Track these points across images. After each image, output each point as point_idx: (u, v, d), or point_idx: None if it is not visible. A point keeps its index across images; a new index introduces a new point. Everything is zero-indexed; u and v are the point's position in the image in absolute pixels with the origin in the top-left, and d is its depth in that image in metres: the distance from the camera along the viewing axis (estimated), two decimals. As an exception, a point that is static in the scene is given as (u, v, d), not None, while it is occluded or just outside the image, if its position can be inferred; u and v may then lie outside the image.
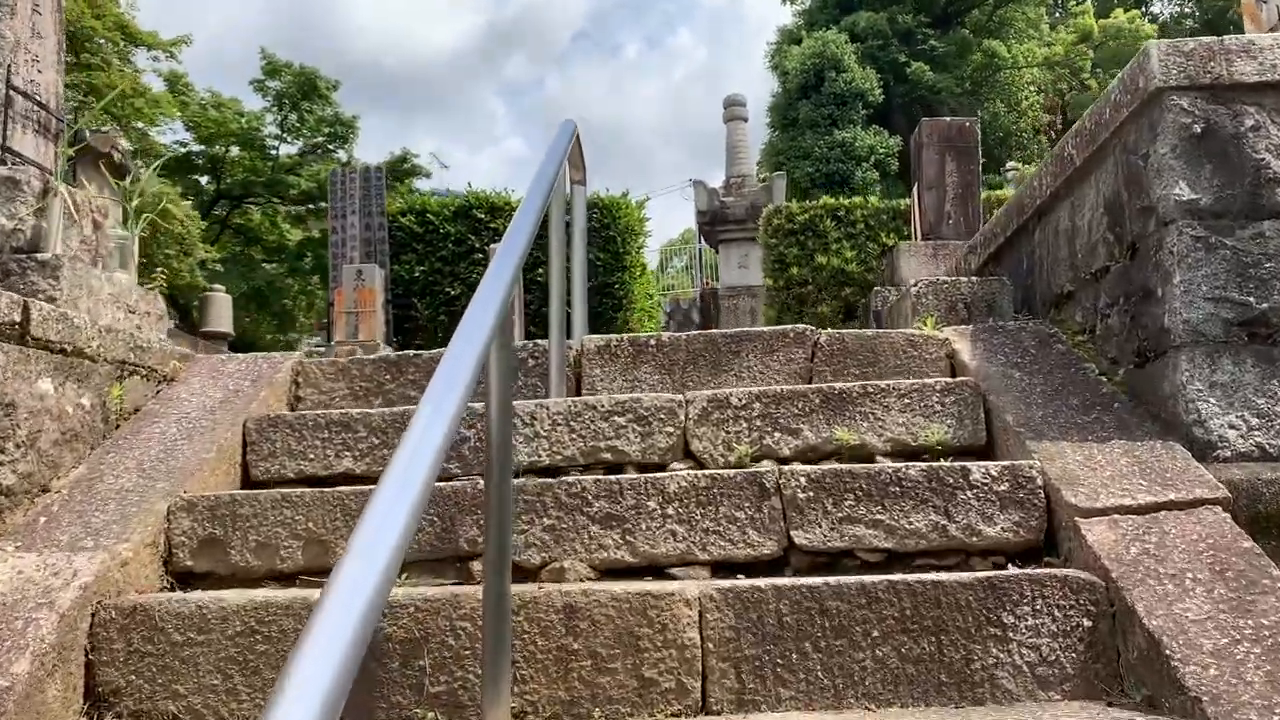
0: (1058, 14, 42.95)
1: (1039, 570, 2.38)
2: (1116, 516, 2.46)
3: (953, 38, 39.97)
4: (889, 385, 3.30)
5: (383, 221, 10.48)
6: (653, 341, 4.07)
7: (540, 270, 8.12)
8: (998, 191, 9.46)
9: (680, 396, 3.35)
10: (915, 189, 7.96)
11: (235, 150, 16.09)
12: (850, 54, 37.21)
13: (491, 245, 10.27)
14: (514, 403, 2.65)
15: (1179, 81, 2.88)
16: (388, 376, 4.01)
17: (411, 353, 4.07)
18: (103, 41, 12.84)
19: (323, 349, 10.16)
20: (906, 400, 3.33)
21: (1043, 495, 2.61)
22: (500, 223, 10.32)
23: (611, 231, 10.16)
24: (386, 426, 3.33)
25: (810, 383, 3.91)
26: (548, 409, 3.37)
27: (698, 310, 27.99)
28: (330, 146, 16.63)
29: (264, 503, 2.81)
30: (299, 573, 2.74)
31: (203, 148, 16.05)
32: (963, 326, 4.36)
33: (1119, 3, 40.93)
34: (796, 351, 4.03)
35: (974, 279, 4.64)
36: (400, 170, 17.35)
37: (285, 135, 16.19)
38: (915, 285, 4.64)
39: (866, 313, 7.78)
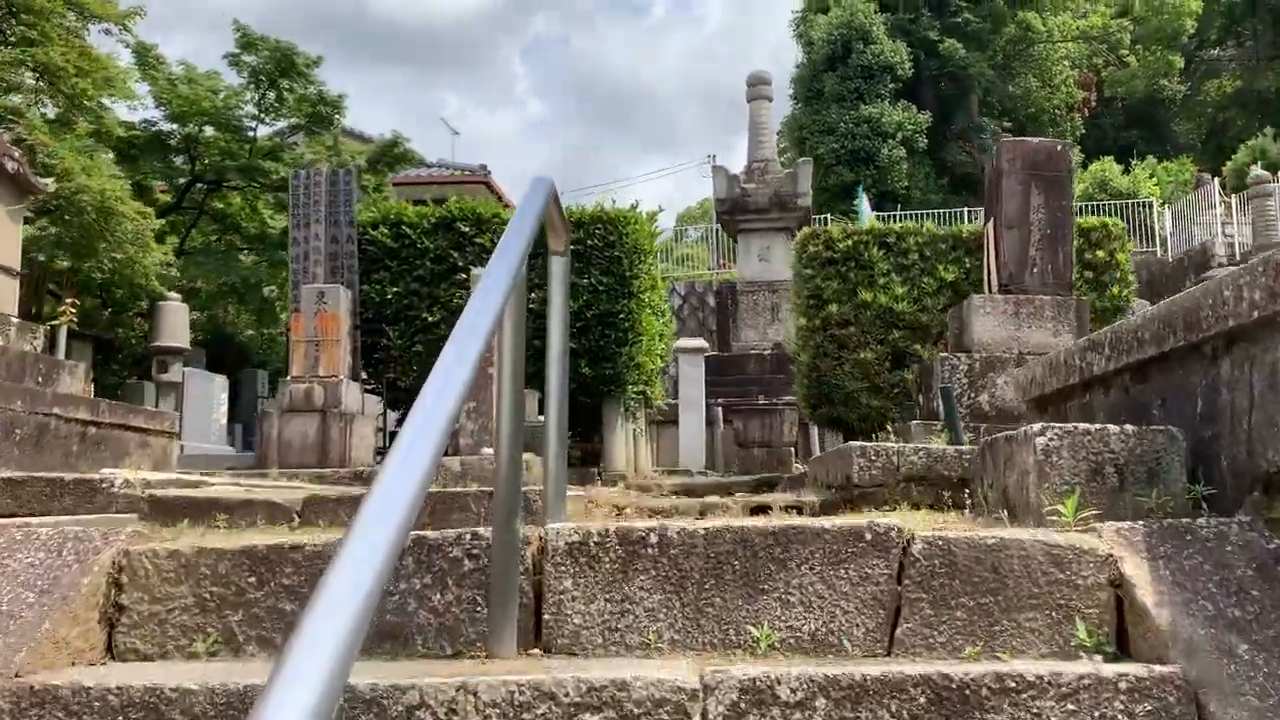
0: (1098, -15, 40.90)
1: None
2: None
3: (986, 8, 37.98)
4: (1040, 675, 1.93)
5: (351, 233, 9.00)
6: (654, 539, 2.67)
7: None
8: (1090, 219, 7.88)
9: (695, 678, 1.96)
10: (990, 226, 6.42)
11: (210, 130, 14.60)
12: (879, 25, 35.40)
13: (476, 267, 8.78)
14: (420, 679, 1.95)
15: None
16: (252, 580, 2.66)
17: (291, 541, 2.72)
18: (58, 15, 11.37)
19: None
20: (1070, 708, 1.95)
21: None
22: (487, 238, 8.83)
23: (617, 251, 8.66)
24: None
25: (898, 619, 2.53)
26: (475, 696, 1.99)
27: (713, 305, 26.53)
28: (315, 129, 15.09)
29: None
30: None
31: (174, 126, 14.58)
32: (1127, 527, 2.89)
33: (1166, -26, 38.90)
34: (876, 565, 2.65)
35: (1128, 431, 3.16)
36: (390, 156, 15.80)
37: (264, 115, 14.68)
38: (1044, 435, 3.18)
39: (926, 382, 6.28)
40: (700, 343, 17.37)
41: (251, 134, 14.86)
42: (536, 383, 5.99)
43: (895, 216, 31.21)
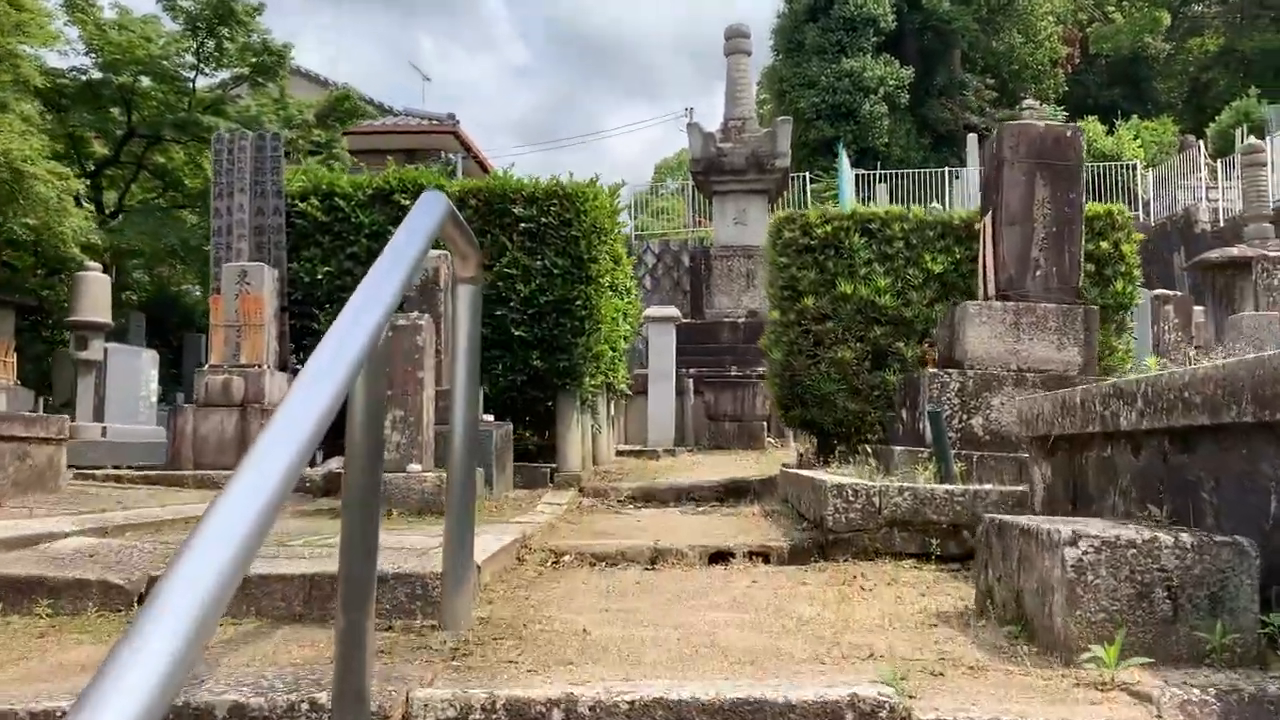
0: (1089, -62, 39.93)
1: None
2: None
3: (973, -40, 36.99)
4: None
5: (279, 205, 8.11)
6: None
7: None
8: (1095, 206, 7.08)
9: None
10: (988, 220, 5.65)
11: (147, 81, 13.52)
12: (863, -25, 34.33)
13: (416, 245, 7.96)
14: None
15: None
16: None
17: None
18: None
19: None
20: None
21: None
22: (430, 213, 7.98)
23: (574, 230, 7.82)
24: None
25: None
26: None
27: (688, 265, 25.62)
28: (260, 80, 14.01)
29: None
30: None
31: (108, 76, 13.47)
32: (1197, 700, 2.17)
33: (1158, -72, 37.97)
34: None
35: (1184, 545, 2.42)
36: (341, 111, 14.78)
37: (203, 65, 13.58)
38: (1076, 546, 2.45)
39: (911, 398, 5.53)
40: (671, 311, 16.60)
41: (190, 85, 13.80)
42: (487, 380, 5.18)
43: (876, 176, 30.45)
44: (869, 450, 5.74)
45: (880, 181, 30.70)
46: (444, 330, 7.06)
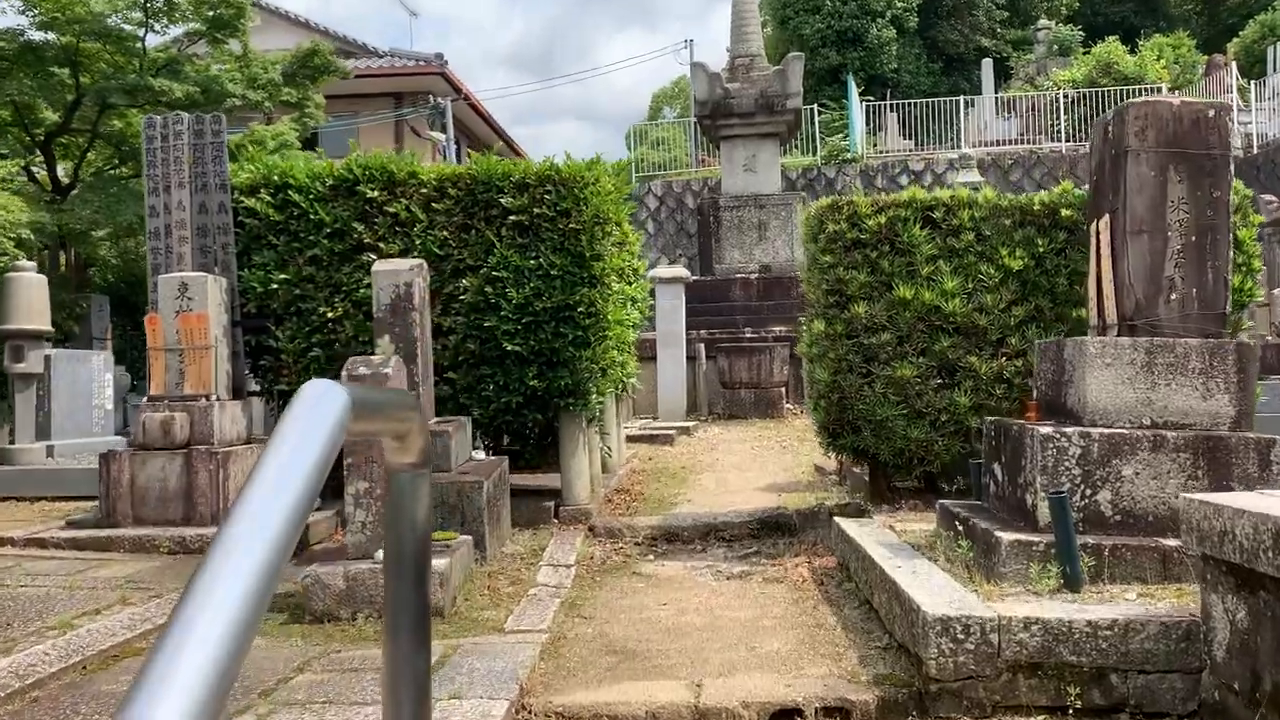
0: None
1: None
2: None
3: None
4: None
5: (225, 200, 6.85)
6: None
7: None
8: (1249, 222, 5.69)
9: None
10: (1103, 226, 4.40)
11: (91, 41, 12.11)
12: (871, -108, 32.55)
13: (387, 245, 6.69)
14: None
15: None
16: None
17: None
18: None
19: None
20: None
21: None
22: (401, 207, 6.70)
23: (574, 221, 6.56)
24: None
25: None
26: None
27: (693, 206, 24.18)
28: (220, 35, 12.56)
29: None
30: None
31: (48, 36, 12.06)
32: None
33: None
34: None
35: None
36: (310, 68, 13.31)
37: (152, 21, 12.11)
38: None
39: (1013, 461, 4.33)
40: (680, 271, 15.35)
41: (140, 45, 12.35)
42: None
43: (886, 107, 28.86)
44: (955, 518, 4.57)
45: (891, 111, 29.18)
46: (420, 360, 5.85)
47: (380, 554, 4.71)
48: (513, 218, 6.63)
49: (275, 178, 6.83)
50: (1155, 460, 3.98)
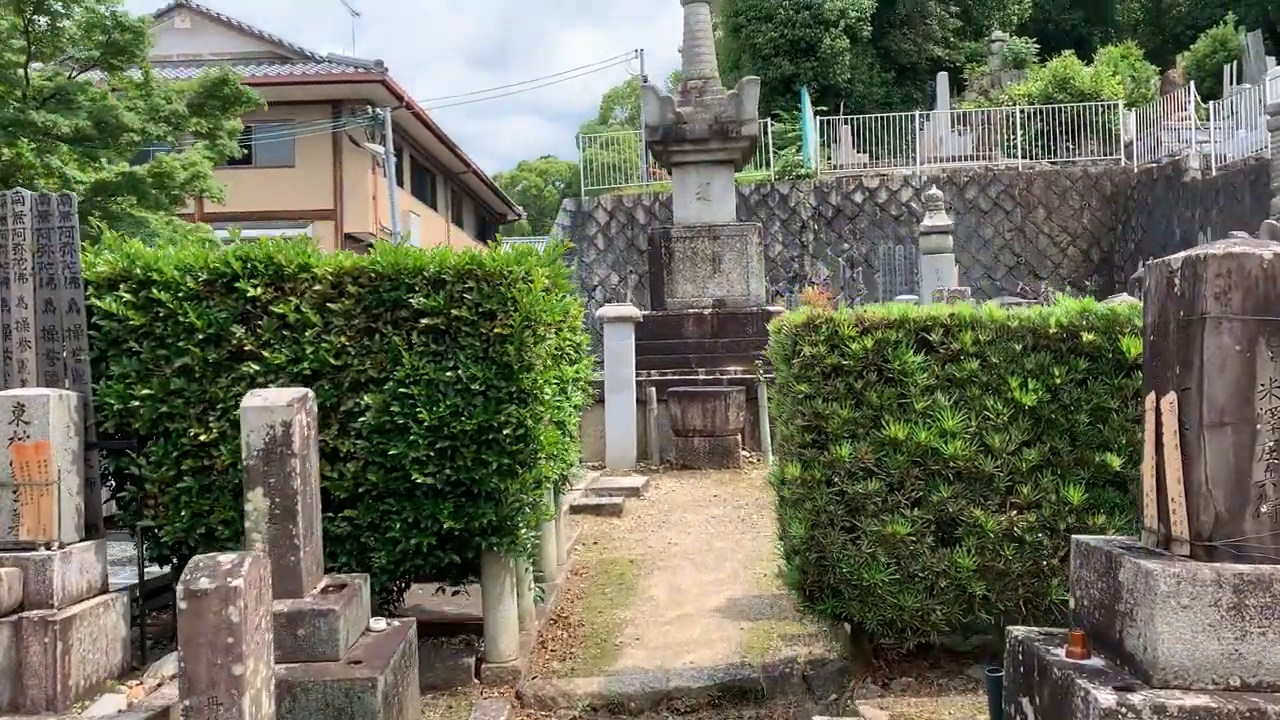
0: None
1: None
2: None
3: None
4: None
5: (76, 297, 5.66)
6: None
7: None
8: None
9: None
10: (1165, 408, 3.40)
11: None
12: (825, -99, 31.85)
13: (271, 353, 5.53)
14: None
15: None
16: None
17: None
18: None
19: None
20: None
21: None
22: (290, 306, 5.55)
23: (499, 325, 5.45)
24: None
25: None
26: None
27: (643, 221, 23.05)
28: (116, 62, 11.16)
29: None
30: None
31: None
32: None
33: None
34: None
35: None
36: (219, 97, 11.95)
37: (35, 47, 10.71)
38: None
39: (1043, 703, 3.32)
40: (629, 310, 14.30)
41: (22, 75, 10.95)
42: None
43: (839, 120, 28.03)
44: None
45: (844, 124, 28.38)
46: (302, 517, 4.71)
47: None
48: (426, 320, 5.50)
49: (137, 271, 5.62)
50: (1253, 744, 2.99)
